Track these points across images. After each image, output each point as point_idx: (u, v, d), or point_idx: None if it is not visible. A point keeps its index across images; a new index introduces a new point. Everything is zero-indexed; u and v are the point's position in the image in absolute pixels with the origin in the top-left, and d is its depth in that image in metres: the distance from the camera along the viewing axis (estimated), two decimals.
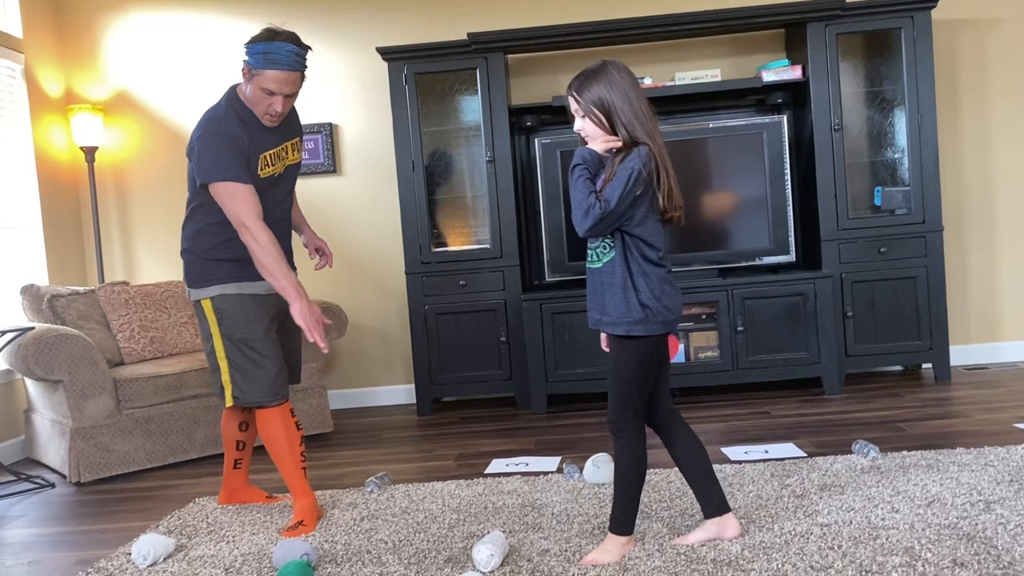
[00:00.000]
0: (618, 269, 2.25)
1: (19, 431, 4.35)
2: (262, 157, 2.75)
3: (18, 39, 4.63)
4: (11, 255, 4.48)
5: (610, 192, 2.17)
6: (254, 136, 2.73)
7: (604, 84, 2.23)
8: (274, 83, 2.64)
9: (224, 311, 2.79)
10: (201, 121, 2.73)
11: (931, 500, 2.56)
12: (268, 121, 2.74)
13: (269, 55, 2.60)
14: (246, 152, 2.68)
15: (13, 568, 2.68)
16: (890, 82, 4.61)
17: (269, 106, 2.69)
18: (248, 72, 2.67)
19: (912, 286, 4.44)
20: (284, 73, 2.63)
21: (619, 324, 2.25)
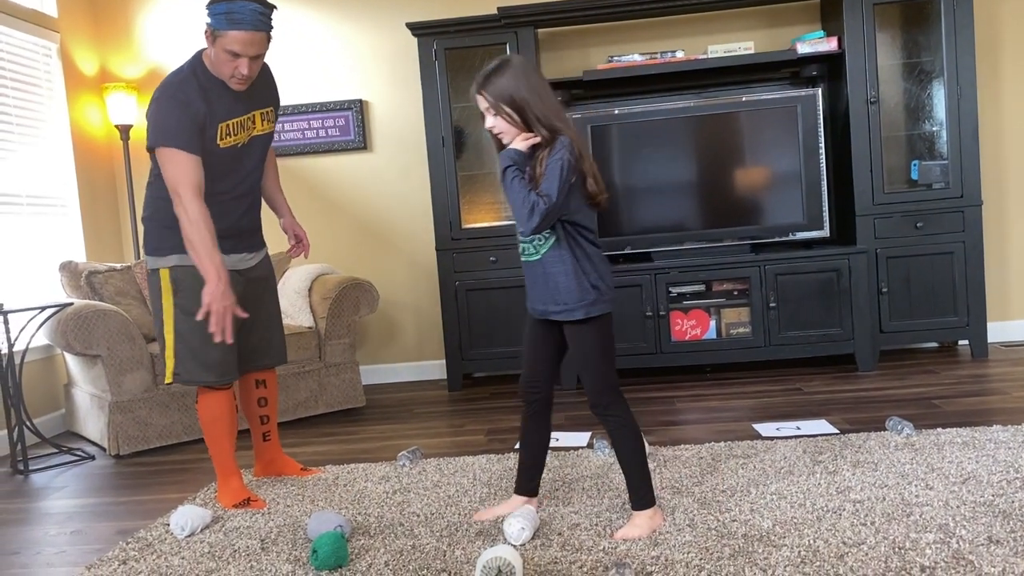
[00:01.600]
0: (566, 257, 2.28)
1: (60, 405, 4.45)
2: (222, 126, 2.64)
3: (53, 19, 4.68)
4: (49, 232, 4.56)
5: (548, 187, 2.18)
6: (215, 103, 2.62)
7: (513, 81, 2.22)
8: (238, 44, 2.53)
9: (181, 282, 2.68)
10: (160, 84, 2.62)
11: (966, 477, 2.54)
12: (236, 85, 2.63)
13: (232, 15, 2.49)
14: (199, 120, 2.57)
15: (57, 537, 2.75)
16: (928, 53, 4.51)
17: (235, 69, 2.58)
18: (211, 34, 2.55)
19: (949, 262, 4.37)
20: (248, 33, 2.52)
21: (576, 309, 2.29)
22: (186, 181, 2.54)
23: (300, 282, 4.40)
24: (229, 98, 2.67)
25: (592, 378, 2.33)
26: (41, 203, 4.50)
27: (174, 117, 2.55)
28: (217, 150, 2.65)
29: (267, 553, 2.39)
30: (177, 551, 2.46)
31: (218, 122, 2.64)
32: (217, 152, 2.65)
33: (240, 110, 2.70)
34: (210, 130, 2.62)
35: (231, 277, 2.73)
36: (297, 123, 5.01)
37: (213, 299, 2.52)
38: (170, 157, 2.54)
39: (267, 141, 2.86)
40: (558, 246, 2.28)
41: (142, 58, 5.10)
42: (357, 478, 3.06)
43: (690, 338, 4.39)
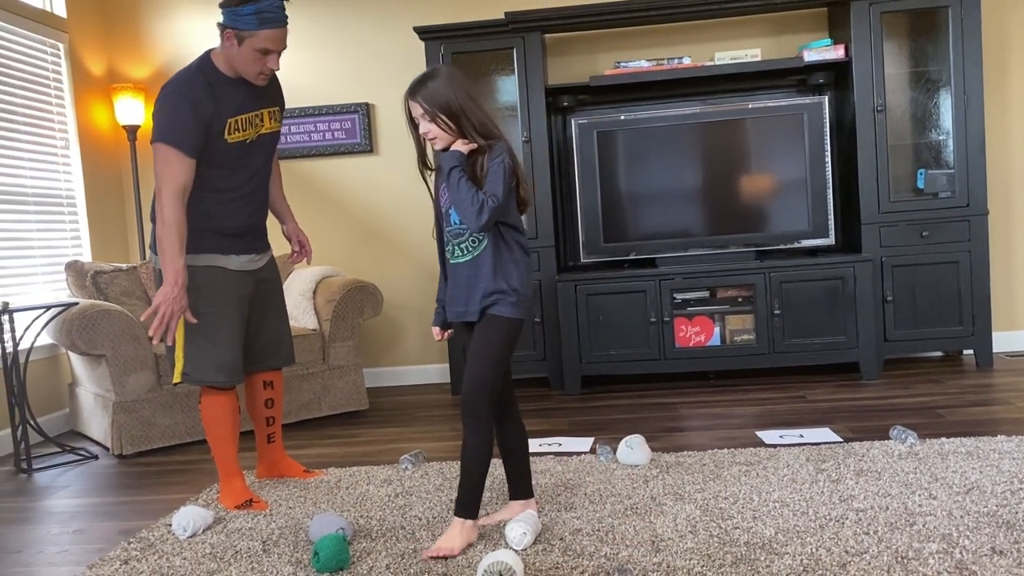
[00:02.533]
0: (489, 258, 2.31)
1: (64, 404, 4.46)
2: (231, 121, 2.67)
3: (62, 19, 4.70)
4: (56, 232, 4.57)
5: (493, 187, 2.24)
6: (223, 100, 2.65)
7: (447, 88, 2.28)
8: (271, 41, 2.60)
9: (190, 282, 2.67)
10: (168, 81, 2.66)
11: (970, 487, 2.53)
12: (261, 80, 2.69)
13: (262, 14, 2.55)
14: (205, 118, 2.60)
15: (59, 536, 2.76)
16: (935, 62, 4.50)
17: (264, 65, 2.64)
18: (234, 35, 2.58)
19: (955, 271, 4.36)
20: (280, 30, 2.60)
21: (495, 305, 2.31)
22: (171, 181, 2.56)
23: (305, 284, 4.41)
24: (239, 95, 2.69)
25: (473, 377, 2.30)
26: (48, 202, 4.51)
27: (179, 115, 2.57)
28: (225, 145, 2.67)
29: (268, 555, 2.39)
30: (179, 551, 2.46)
31: (227, 117, 2.66)
32: (225, 147, 2.68)
33: (249, 107, 2.73)
34: (218, 125, 2.65)
35: (241, 278, 2.77)
36: (304, 126, 5.02)
37: (164, 301, 2.54)
38: (164, 154, 2.57)
39: (274, 140, 2.89)
40: (491, 246, 2.32)
41: (150, 59, 5.11)
42: (359, 481, 3.06)
43: (694, 344, 4.38)
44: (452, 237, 2.35)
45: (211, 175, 2.68)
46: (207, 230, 2.72)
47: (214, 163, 2.67)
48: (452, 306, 2.39)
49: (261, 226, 2.91)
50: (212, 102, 2.62)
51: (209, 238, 2.73)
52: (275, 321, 2.99)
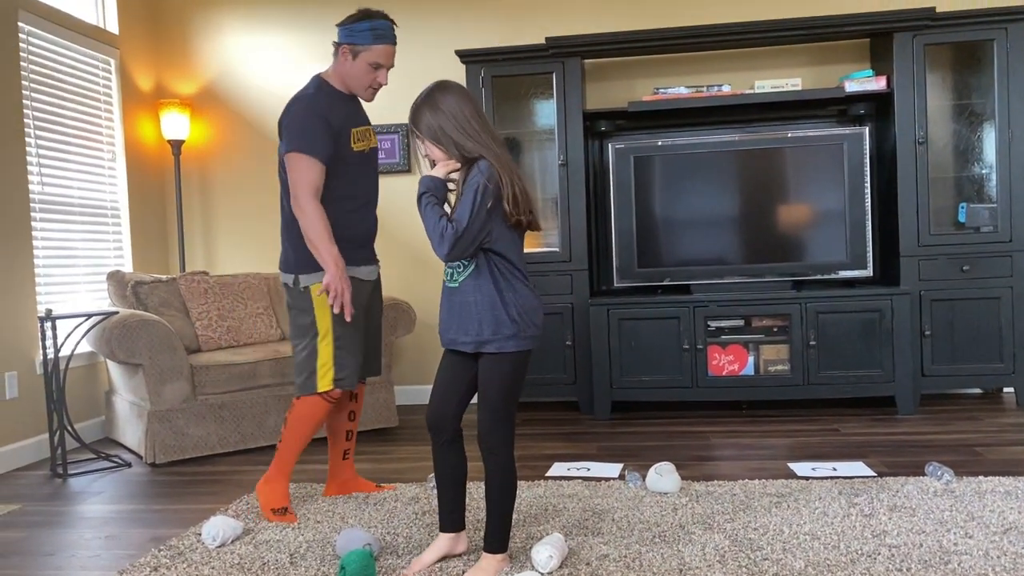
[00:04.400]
0: (485, 287, 2.23)
1: (100, 411, 4.54)
2: (353, 131, 2.86)
3: (114, 35, 4.83)
4: (99, 241, 4.67)
5: (460, 212, 2.16)
6: (340, 111, 2.83)
7: (429, 112, 2.24)
8: (383, 56, 2.81)
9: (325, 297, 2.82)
10: (290, 101, 2.83)
11: (1008, 528, 2.47)
12: (370, 96, 2.90)
13: (376, 31, 2.77)
14: (335, 129, 2.78)
15: (92, 541, 2.80)
16: (979, 95, 4.46)
17: (374, 80, 2.85)
18: (349, 50, 2.80)
19: (995, 306, 4.29)
20: (391, 46, 2.82)
21: (490, 342, 2.23)
22: (307, 184, 2.73)
23: None
24: (352, 109, 2.91)
25: (486, 413, 2.25)
26: (93, 213, 4.62)
27: (310, 124, 2.74)
28: (351, 154, 2.85)
29: (296, 567, 2.40)
30: (207, 561, 2.49)
31: (350, 127, 2.86)
32: (351, 156, 2.85)
33: (362, 120, 2.95)
34: (344, 135, 2.83)
35: (365, 288, 2.91)
36: None
37: (332, 281, 2.70)
38: (298, 162, 2.74)
39: (376, 154, 3.04)
40: (477, 275, 2.23)
41: (197, 76, 5.23)
42: (388, 498, 3.07)
43: (727, 373, 4.35)
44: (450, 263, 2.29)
45: (339, 184, 2.83)
46: (338, 239, 2.82)
47: (340, 172, 2.82)
48: (444, 331, 2.31)
49: (373, 235, 3.01)
50: (335, 114, 2.81)
51: (342, 248, 2.81)
52: (375, 331, 3.07)
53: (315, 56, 5.11)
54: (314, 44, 5.12)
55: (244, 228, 5.23)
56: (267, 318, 4.48)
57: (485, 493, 2.30)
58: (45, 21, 4.24)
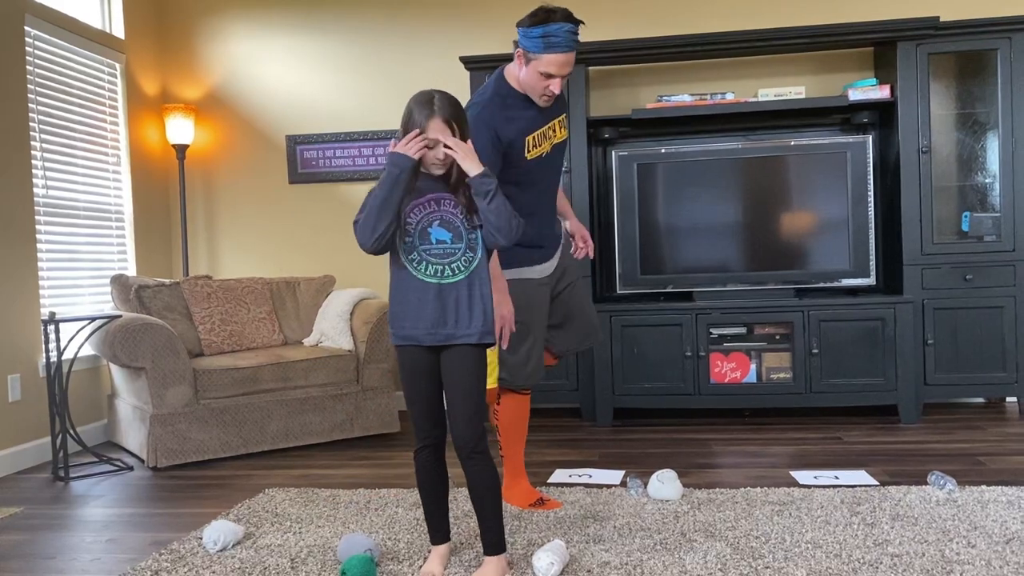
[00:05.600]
0: (483, 279, 2.23)
1: (103, 415, 4.54)
2: (528, 139, 2.74)
3: (120, 40, 4.85)
4: (103, 245, 4.68)
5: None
6: (518, 119, 2.72)
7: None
8: (554, 66, 2.63)
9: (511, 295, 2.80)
10: (469, 105, 2.72)
11: (1010, 537, 2.47)
12: (544, 102, 2.74)
13: (548, 38, 2.59)
14: (505, 141, 2.67)
15: (92, 544, 2.80)
16: (983, 104, 4.46)
17: (546, 88, 2.68)
18: (523, 56, 2.67)
19: (998, 315, 4.29)
20: (564, 55, 2.61)
21: (487, 333, 2.23)
22: None
23: (343, 305, 4.45)
24: (531, 112, 2.76)
25: (474, 409, 2.22)
26: (98, 217, 4.63)
27: (479, 139, 2.60)
28: (525, 164, 2.74)
29: (297, 572, 2.40)
30: (208, 565, 2.49)
31: (524, 136, 2.73)
32: (525, 165, 2.75)
33: (540, 121, 2.79)
34: (517, 145, 2.71)
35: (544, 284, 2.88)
36: (348, 150, 5.10)
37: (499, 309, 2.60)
38: None
39: (563, 148, 2.93)
40: (482, 266, 2.23)
41: (202, 81, 5.25)
42: (389, 503, 3.06)
43: (729, 381, 4.34)
44: (436, 258, 2.19)
45: (511, 192, 2.71)
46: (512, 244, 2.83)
47: (512, 181, 2.70)
48: (432, 326, 2.19)
49: (552, 231, 2.95)
50: (509, 125, 2.69)
51: (511, 253, 2.77)
52: (586, 302, 3.05)
53: (320, 62, 5.12)
54: (319, 50, 5.13)
55: (247, 233, 5.24)
56: (270, 323, 4.49)
57: (477, 498, 2.27)
58: (51, 26, 4.26)
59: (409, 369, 2.25)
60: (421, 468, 2.32)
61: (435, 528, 2.37)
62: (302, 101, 5.17)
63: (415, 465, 2.33)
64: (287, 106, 5.19)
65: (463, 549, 2.53)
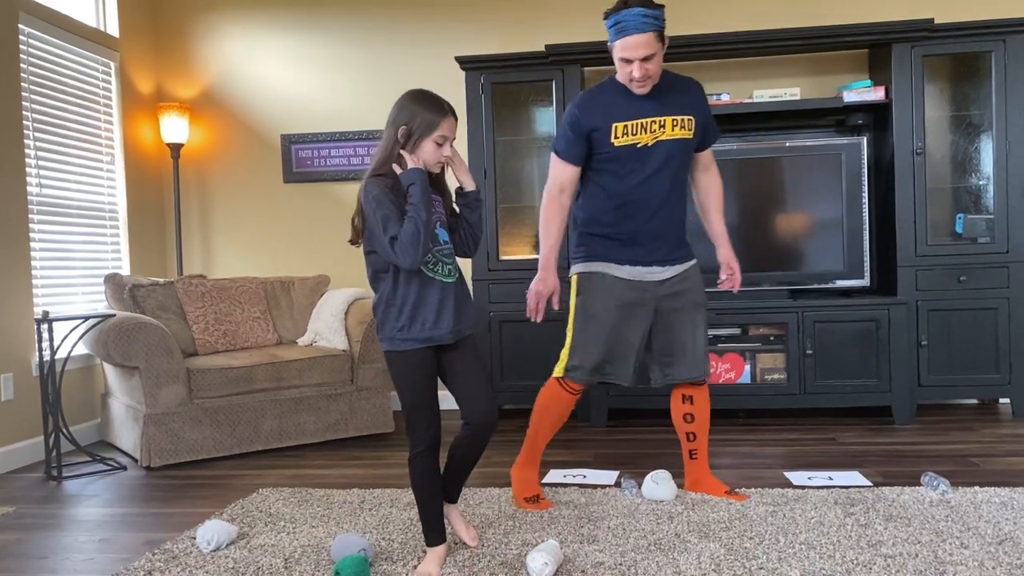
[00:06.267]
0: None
1: (96, 414, 4.53)
2: (617, 126, 2.78)
3: (115, 38, 4.84)
4: (96, 244, 4.67)
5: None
6: (610, 106, 2.79)
7: None
8: (625, 50, 2.67)
9: (585, 287, 2.89)
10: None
11: (1003, 539, 2.47)
12: (636, 88, 2.76)
13: (618, 24, 2.66)
14: (584, 129, 2.80)
15: (85, 544, 2.79)
16: (977, 106, 4.47)
17: (628, 74, 2.72)
18: (610, 47, 2.74)
19: (992, 317, 4.30)
20: (631, 38, 2.64)
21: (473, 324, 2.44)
22: (551, 181, 2.90)
23: (337, 305, 4.45)
24: (631, 101, 2.80)
25: (491, 388, 2.43)
26: (91, 215, 4.62)
27: (565, 127, 2.86)
28: (612, 148, 2.81)
29: (290, 572, 2.40)
30: (202, 565, 2.48)
31: (612, 122, 2.79)
32: (612, 151, 2.81)
33: (645, 112, 2.80)
34: (603, 129, 2.80)
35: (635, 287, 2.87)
36: (343, 149, 5.10)
37: (532, 288, 2.89)
38: (553, 159, 2.91)
39: (678, 148, 2.84)
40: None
41: (196, 80, 5.24)
42: (383, 503, 3.06)
43: (724, 382, 4.35)
44: (446, 258, 2.35)
45: (602, 180, 2.86)
46: (597, 235, 2.88)
47: (602, 167, 2.84)
48: (454, 323, 2.32)
49: (667, 236, 2.89)
50: (598, 110, 2.80)
51: (600, 244, 2.88)
52: (690, 335, 2.92)
53: (315, 61, 5.12)
54: (314, 49, 5.13)
55: (242, 232, 5.23)
56: (264, 322, 4.48)
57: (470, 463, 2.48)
58: (46, 23, 4.25)
59: (422, 371, 2.32)
60: (425, 471, 2.34)
61: (435, 529, 2.38)
62: (297, 100, 5.17)
63: (416, 468, 2.35)
64: (282, 105, 5.18)
65: (457, 549, 2.53)
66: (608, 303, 2.85)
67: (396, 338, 2.30)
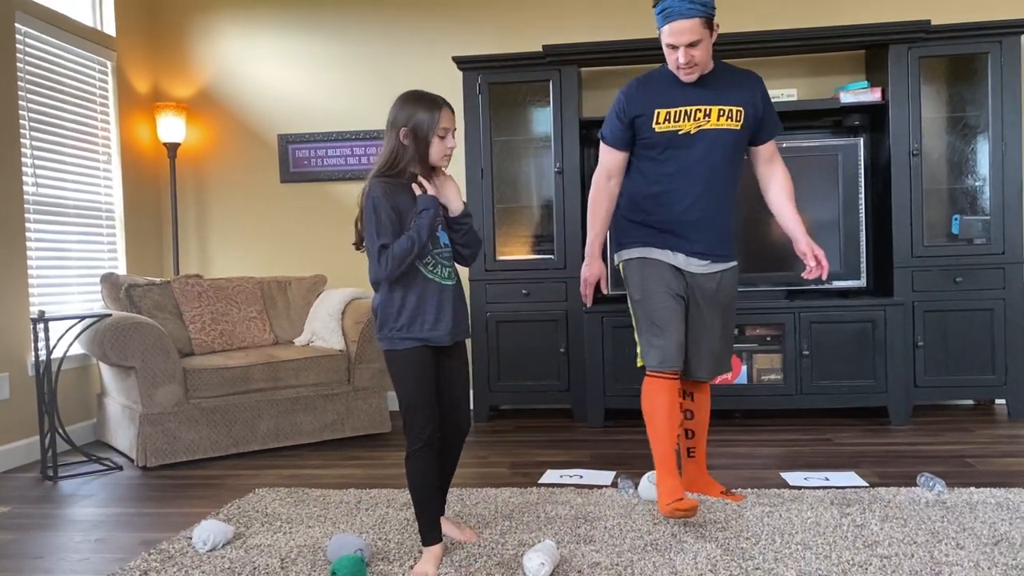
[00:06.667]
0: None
1: (92, 414, 4.52)
2: (659, 112, 2.77)
3: (111, 38, 4.83)
4: (93, 243, 4.66)
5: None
6: (656, 93, 2.79)
7: None
8: (670, 36, 2.66)
9: (630, 276, 2.87)
10: None
11: (998, 539, 2.48)
12: (684, 75, 2.74)
13: (664, 11, 2.65)
14: (627, 116, 2.81)
15: (81, 544, 2.78)
16: (974, 108, 4.48)
17: (675, 60, 2.70)
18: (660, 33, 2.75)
19: (988, 318, 4.31)
20: (675, 23, 2.63)
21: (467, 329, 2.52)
22: (600, 167, 2.92)
23: (334, 305, 4.44)
24: (679, 89, 2.79)
25: (468, 396, 2.60)
26: (88, 215, 4.61)
27: (611, 113, 2.87)
28: (654, 134, 2.80)
29: (287, 573, 2.40)
30: (198, 565, 2.48)
31: (655, 107, 2.78)
32: (653, 136, 2.80)
33: (690, 99, 2.77)
34: (646, 114, 2.79)
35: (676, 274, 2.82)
36: (340, 149, 5.10)
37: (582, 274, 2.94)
38: (601, 146, 2.93)
39: (723, 139, 2.78)
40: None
41: (193, 80, 5.23)
42: (379, 503, 3.06)
43: (720, 382, 4.35)
44: (446, 260, 2.42)
45: (643, 166, 2.85)
46: (636, 222, 2.87)
47: (643, 153, 2.84)
48: (453, 326, 2.39)
49: (706, 229, 2.82)
50: (643, 96, 2.80)
51: (639, 231, 2.86)
52: (704, 334, 2.87)
53: (312, 61, 5.11)
54: (311, 49, 5.12)
55: (239, 232, 5.22)
56: (260, 322, 4.48)
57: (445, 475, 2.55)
58: (42, 23, 4.24)
59: (421, 370, 2.36)
60: (424, 468, 2.36)
61: (432, 528, 2.39)
62: (294, 100, 5.16)
63: (415, 467, 2.36)
64: (279, 105, 5.18)
65: (453, 549, 2.53)
66: (657, 283, 2.80)
67: (395, 337, 2.35)
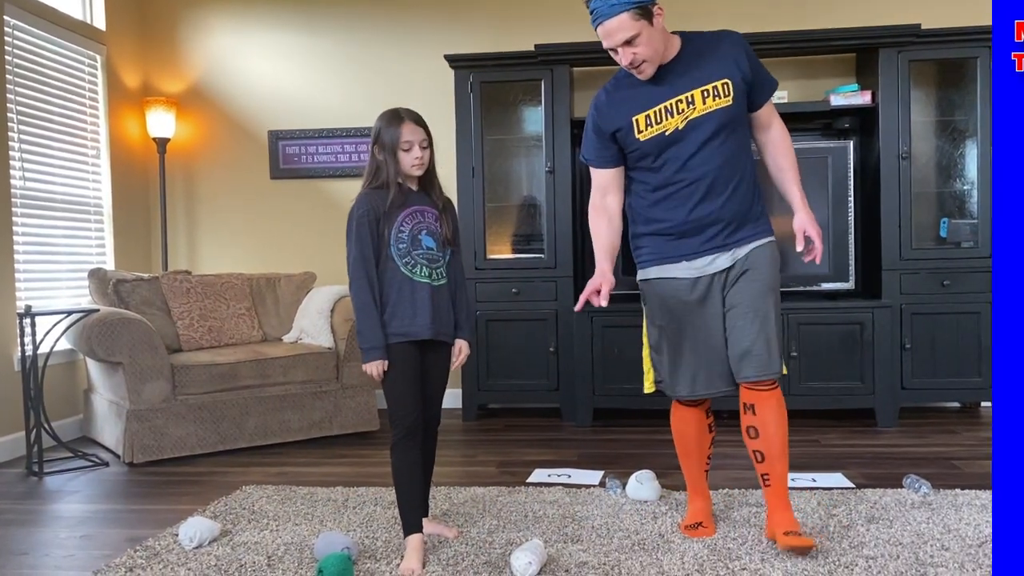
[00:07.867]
0: (458, 282, 2.62)
1: (78, 410, 4.49)
2: (637, 119, 2.53)
3: (101, 32, 4.81)
4: (81, 238, 4.63)
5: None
6: (628, 100, 2.56)
7: None
8: (603, 39, 2.45)
9: (647, 295, 2.69)
10: None
11: (983, 540, 2.49)
12: (638, 75, 2.51)
13: (593, 13, 2.42)
14: (608, 130, 2.58)
15: (67, 540, 2.77)
16: (962, 112, 4.51)
17: (620, 61, 2.49)
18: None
19: (975, 321, 4.33)
20: (603, 25, 2.41)
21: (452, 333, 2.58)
22: (595, 190, 2.71)
23: (323, 302, 4.43)
24: (647, 88, 2.54)
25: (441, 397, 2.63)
26: (76, 210, 4.58)
27: (588, 131, 2.69)
28: (640, 144, 2.55)
29: (273, 570, 2.39)
30: (184, 562, 2.47)
31: (631, 116, 2.55)
32: (641, 146, 2.55)
33: (667, 94, 2.52)
34: (625, 127, 2.56)
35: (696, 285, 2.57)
36: (331, 147, 5.08)
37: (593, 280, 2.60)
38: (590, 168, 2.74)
39: (719, 120, 2.53)
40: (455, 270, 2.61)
41: (184, 75, 5.21)
42: (367, 501, 3.05)
43: None
44: (428, 262, 2.49)
45: (640, 177, 2.62)
46: (647, 235, 2.65)
47: (637, 165, 2.61)
48: (433, 324, 2.47)
49: (722, 219, 2.57)
50: (615, 107, 2.58)
51: (651, 246, 2.64)
52: (738, 328, 2.55)
53: (303, 57, 5.10)
54: (302, 45, 5.11)
55: (228, 228, 5.21)
56: (249, 319, 4.46)
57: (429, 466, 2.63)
58: (31, 16, 4.21)
59: (404, 363, 2.46)
60: (408, 457, 2.45)
61: (413, 515, 2.44)
62: (285, 96, 5.14)
63: (400, 456, 2.44)
64: (269, 101, 5.16)
65: (441, 548, 2.53)
66: (667, 312, 2.61)
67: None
